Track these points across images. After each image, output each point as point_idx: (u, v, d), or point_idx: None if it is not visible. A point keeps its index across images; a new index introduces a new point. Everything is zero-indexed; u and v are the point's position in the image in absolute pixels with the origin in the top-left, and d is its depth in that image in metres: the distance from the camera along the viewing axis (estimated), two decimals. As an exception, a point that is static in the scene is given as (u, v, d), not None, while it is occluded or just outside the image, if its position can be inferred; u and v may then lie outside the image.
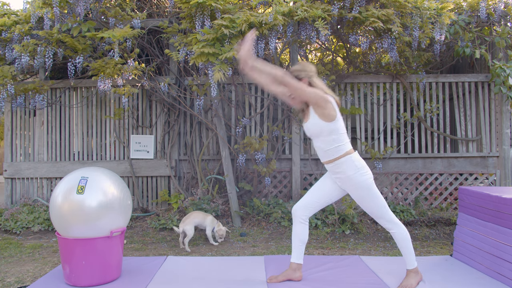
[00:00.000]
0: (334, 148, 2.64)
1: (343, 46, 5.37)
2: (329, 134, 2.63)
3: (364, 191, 2.67)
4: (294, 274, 2.84)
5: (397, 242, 2.75)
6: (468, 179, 5.14)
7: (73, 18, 4.52)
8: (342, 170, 2.66)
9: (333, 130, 2.63)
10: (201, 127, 5.30)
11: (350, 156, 2.65)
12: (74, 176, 2.85)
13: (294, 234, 2.86)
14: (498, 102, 5.17)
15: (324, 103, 2.58)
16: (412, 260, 2.75)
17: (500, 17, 4.84)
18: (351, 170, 2.64)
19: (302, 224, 2.83)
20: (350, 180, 2.66)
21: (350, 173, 2.64)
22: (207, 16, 4.22)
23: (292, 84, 2.57)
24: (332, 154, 2.66)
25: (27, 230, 4.61)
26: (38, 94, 4.85)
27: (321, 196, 2.84)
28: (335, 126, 2.63)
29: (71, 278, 2.80)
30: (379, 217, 2.73)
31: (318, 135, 2.68)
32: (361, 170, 2.65)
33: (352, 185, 2.67)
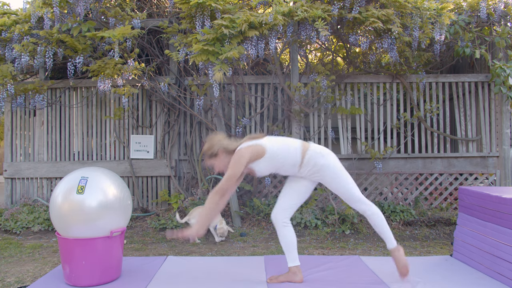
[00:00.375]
0: (291, 156, 2.69)
1: (343, 46, 5.37)
2: (276, 157, 2.67)
3: (338, 175, 2.72)
4: (296, 277, 2.81)
5: (375, 222, 2.78)
6: (468, 179, 5.15)
7: (73, 18, 4.52)
8: (313, 163, 2.69)
9: (273, 155, 2.67)
10: (201, 127, 5.30)
11: (310, 149, 2.71)
12: (74, 176, 2.85)
13: (282, 239, 2.83)
14: (498, 102, 5.17)
15: (245, 160, 2.59)
16: (392, 238, 2.78)
17: (500, 17, 4.84)
18: (320, 159, 2.69)
19: (285, 227, 2.81)
20: (326, 168, 2.70)
21: (321, 161, 2.69)
22: (207, 16, 4.22)
23: (225, 185, 2.58)
24: (295, 160, 2.70)
25: (27, 230, 4.61)
26: (38, 94, 4.85)
27: (296, 195, 2.85)
28: (270, 152, 2.66)
29: (71, 278, 2.80)
30: (357, 200, 2.76)
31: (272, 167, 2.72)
32: (326, 154, 2.73)
33: (327, 172, 2.71)
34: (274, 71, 5.07)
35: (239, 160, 2.60)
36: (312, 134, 5.20)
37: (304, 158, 2.69)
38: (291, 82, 5.04)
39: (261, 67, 5.86)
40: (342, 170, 2.76)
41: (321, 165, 2.70)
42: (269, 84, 5.21)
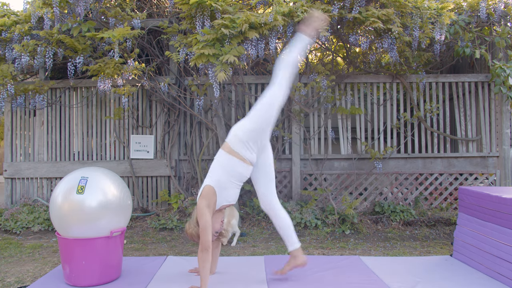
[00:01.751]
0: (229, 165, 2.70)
1: (343, 46, 5.37)
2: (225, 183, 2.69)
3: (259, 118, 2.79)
4: (298, 261, 2.84)
5: None
6: (468, 179, 5.15)
7: (73, 18, 4.52)
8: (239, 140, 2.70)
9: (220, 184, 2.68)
10: (201, 127, 5.30)
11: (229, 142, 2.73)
12: (74, 176, 2.85)
13: (279, 227, 2.87)
14: (498, 102, 5.17)
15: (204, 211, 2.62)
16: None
17: (500, 17, 4.84)
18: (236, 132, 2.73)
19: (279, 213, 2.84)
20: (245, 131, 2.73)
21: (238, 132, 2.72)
22: (207, 16, 4.22)
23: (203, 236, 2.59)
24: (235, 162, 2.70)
25: (27, 230, 4.61)
26: (38, 94, 4.85)
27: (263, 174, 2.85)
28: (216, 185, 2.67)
29: (71, 278, 2.80)
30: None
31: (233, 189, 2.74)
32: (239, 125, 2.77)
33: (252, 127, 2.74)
34: (274, 71, 5.06)
35: (200, 212, 2.62)
36: (312, 134, 5.20)
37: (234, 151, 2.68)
38: (291, 82, 5.03)
39: (261, 67, 5.86)
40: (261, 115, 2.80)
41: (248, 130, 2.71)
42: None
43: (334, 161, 5.17)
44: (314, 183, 5.13)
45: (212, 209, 2.66)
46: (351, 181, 5.07)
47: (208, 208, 2.63)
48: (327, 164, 5.14)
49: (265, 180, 2.86)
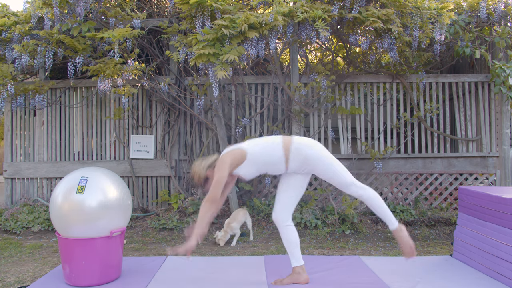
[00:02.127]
0: (274, 154, 2.68)
1: (343, 46, 5.37)
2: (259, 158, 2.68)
3: (326, 162, 2.68)
4: (300, 277, 2.77)
5: (373, 205, 2.71)
6: (468, 179, 5.14)
7: (73, 18, 4.52)
8: (300, 154, 2.66)
9: (255, 156, 2.67)
10: (201, 127, 5.30)
11: (293, 143, 2.68)
12: (74, 176, 2.85)
13: (285, 240, 2.80)
14: (498, 102, 5.17)
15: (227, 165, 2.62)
16: (393, 218, 2.72)
17: (500, 17, 4.84)
18: (307, 150, 2.66)
19: (288, 227, 2.79)
20: (315, 158, 2.66)
21: (307, 151, 2.66)
22: (207, 16, 4.22)
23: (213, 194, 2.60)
24: (279, 157, 2.67)
25: (27, 230, 4.61)
26: (38, 94, 4.85)
27: (291, 191, 2.82)
28: (251, 154, 2.67)
29: (71, 278, 2.80)
30: (350, 184, 2.70)
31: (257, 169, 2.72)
32: (310, 144, 2.70)
33: (316, 162, 2.67)
34: (274, 71, 5.06)
35: (221, 165, 2.62)
36: (312, 134, 5.20)
37: (289, 153, 2.66)
38: (291, 82, 5.04)
39: (261, 67, 5.86)
40: (331, 158, 2.70)
41: (309, 156, 2.66)
42: (269, 84, 5.21)
43: (334, 161, 5.16)
44: (314, 183, 5.12)
45: (232, 170, 2.65)
46: (351, 181, 5.07)
47: (230, 166, 2.62)
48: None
49: (289, 200, 2.82)
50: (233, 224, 4.10)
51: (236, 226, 4.10)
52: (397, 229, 2.69)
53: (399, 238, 2.69)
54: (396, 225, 2.69)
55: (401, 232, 2.69)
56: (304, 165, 2.70)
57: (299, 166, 2.71)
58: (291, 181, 2.82)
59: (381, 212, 2.71)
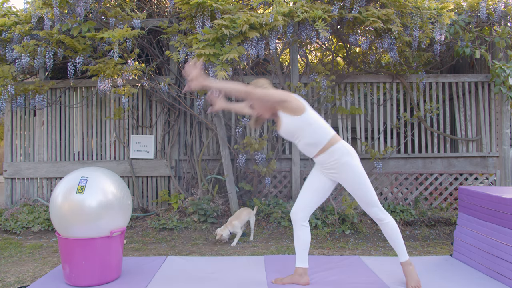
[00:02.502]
0: (320, 136, 2.62)
1: (343, 46, 5.37)
2: (307, 126, 2.60)
3: (359, 176, 2.64)
4: (301, 279, 2.77)
5: (389, 233, 2.70)
6: (468, 179, 5.15)
7: (73, 18, 4.52)
8: (336, 158, 2.62)
9: (308, 121, 2.59)
10: (201, 127, 5.31)
11: (340, 143, 2.65)
12: (74, 176, 2.85)
13: (297, 239, 2.79)
14: (498, 102, 5.17)
15: (288, 97, 2.57)
16: (405, 251, 2.73)
17: (500, 17, 4.84)
18: (345, 156, 2.62)
19: (303, 227, 2.78)
20: (346, 166, 2.62)
21: (345, 158, 2.62)
22: (207, 16, 4.22)
23: (255, 93, 2.53)
24: (321, 142, 2.62)
25: (27, 230, 4.61)
26: (38, 94, 4.85)
27: (317, 193, 2.78)
28: (307, 116, 2.59)
29: (71, 278, 2.80)
30: (373, 205, 2.67)
31: (297, 132, 2.63)
32: (353, 154, 2.66)
33: (347, 171, 2.63)
34: (274, 71, 5.07)
35: (281, 92, 2.58)
36: (312, 134, 5.19)
37: (331, 146, 2.61)
38: (291, 82, 5.04)
39: (261, 67, 5.86)
40: (363, 173, 2.66)
41: (344, 162, 2.61)
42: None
43: (334, 161, 5.16)
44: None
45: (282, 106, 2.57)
46: (351, 181, 5.07)
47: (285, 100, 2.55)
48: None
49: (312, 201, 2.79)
50: (235, 222, 4.09)
51: (238, 224, 4.09)
52: (407, 262, 2.72)
53: (407, 271, 2.72)
54: (407, 258, 2.72)
55: (410, 265, 2.72)
56: (333, 168, 2.66)
57: (327, 164, 2.66)
58: (318, 183, 2.78)
59: (395, 242, 2.71)
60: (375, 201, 2.68)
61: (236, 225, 4.08)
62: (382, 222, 2.70)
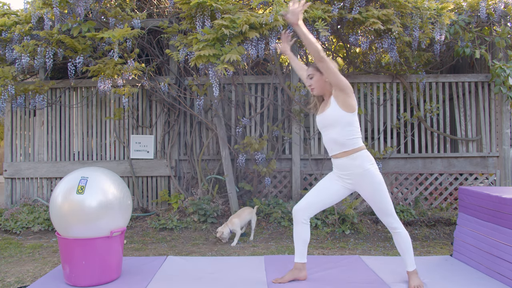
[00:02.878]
0: (351, 139, 2.61)
1: (343, 46, 5.38)
2: (347, 125, 2.60)
3: (379, 186, 2.63)
4: (300, 274, 2.85)
5: (400, 242, 2.71)
6: (468, 179, 5.15)
7: (73, 18, 4.52)
8: (358, 164, 2.61)
9: (351, 122, 2.61)
10: (201, 127, 5.31)
11: (365, 150, 2.65)
12: (74, 176, 2.85)
13: (296, 235, 2.82)
14: (498, 102, 5.17)
15: (350, 91, 2.57)
16: (413, 262, 2.75)
17: (500, 17, 4.84)
18: (367, 164, 2.61)
19: (303, 225, 2.78)
20: (366, 175, 2.61)
21: (367, 166, 2.61)
22: (207, 16, 4.22)
23: (329, 63, 2.50)
24: (349, 145, 2.62)
25: (27, 230, 4.61)
26: (38, 94, 4.85)
27: (326, 196, 2.78)
28: (353, 118, 2.61)
29: (71, 278, 2.80)
30: (389, 215, 2.67)
31: (335, 125, 2.61)
32: (375, 164, 2.66)
33: (367, 180, 2.62)
34: (274, 71, 5.07)
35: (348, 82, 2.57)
36: (312, 134, 5.20)
37: (356, 152, 2.61)
38: (291, 82, 5.04)
39: (261, 67, 5.86)
40: (383, 183, 2.66)
41: (366, 169, 2.61)
42: (269, 84, 5.21)
43: (334, 161, 5.16)
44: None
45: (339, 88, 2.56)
46: (351, 181, 5.07)
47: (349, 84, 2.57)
48: (327, 164, 5.14)
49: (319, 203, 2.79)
50: (235, 219, 4.09)
51: (238, 223, 4.09)
52: (414, 271, 2.75)
53: (413, 279, 2.74)
54: (414, 267, 2.75)
55: (416, 274, 2.76)
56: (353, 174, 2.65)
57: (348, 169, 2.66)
58: (331, 187, 2.77)
59: (405, 252, 2.73)
60: (392, 210, 2.69)
61: (236, 223, 4.08)
62: (395, 231, 2.71)
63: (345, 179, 2.70)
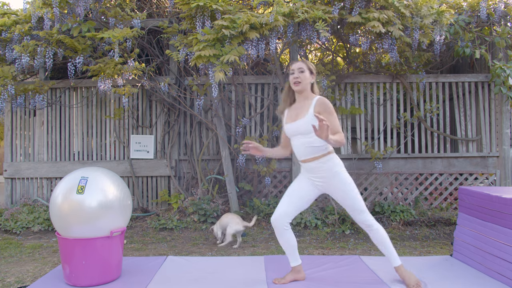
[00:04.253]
0: (324, 145, 2.65)
1: (343, 46, 5.37)
2: None
3: (349, 186, 2.69)
4: (299, 275, 2.87)
5: (378, 239, 2.72)
6: (468, 179, 5.14)
7: (73, 18, 4.52)
8: (328, 167, 2.66)
9: None
10: (201, 127, 5.30)
11: (334, 154, 2.71)
12: (74, 176, 2.85)
13: (283, 242, 2.81)
14: (498, 102, 5.17)
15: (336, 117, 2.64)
16: (396, 256, 2.75)
17: (500, 17, 4.84)
18: (337, 166, 2.68)
19: (285, 231, 2.78)
20: (336, 177, 2.67)
21: (336, 169, 2.67)
22: (207, 16, 4.22)
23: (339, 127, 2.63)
24: (321, 150, 2.66)
25: (27, 230, 4.61)
26: (38, 94, 4.85)
27: (297, 200, 2.79)
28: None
29: (71, 278, 2.80)
30: (362, 211, 2.71)
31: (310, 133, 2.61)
32: (342, 166, 2.72)
33: (337, 181, 2.68)
34: (274, 71, 5.07)
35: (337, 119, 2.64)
36: (312, 134, 5.20)
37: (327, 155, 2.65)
38: (291, 82, 5.04)
39: (261, 67, 5.86)
40: (352, 182, 2.72)
41: (336, 171, 2.66)
42: (269, 84, 5.21)
43: (334, 161, 5.16)
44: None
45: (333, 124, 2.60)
46: (351, 181, 5.07)
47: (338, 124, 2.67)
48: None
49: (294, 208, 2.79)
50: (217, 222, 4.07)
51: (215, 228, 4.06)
52: (401, 266, 2.74)
53: (403, 275, 2.74)
54: (399, 262, 2.74)
55: (403, 268, 2.75)
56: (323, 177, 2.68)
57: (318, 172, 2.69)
58: (304, 191, 2.79)
59: (386, 248, 2.73)
60: (364, 207, 2.72)
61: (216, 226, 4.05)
62: (372, 229, 2.71)
63: (316, 181, 2.74)
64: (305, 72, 2.71)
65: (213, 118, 5.08)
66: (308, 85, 2.73)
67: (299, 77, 2.70)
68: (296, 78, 2.71)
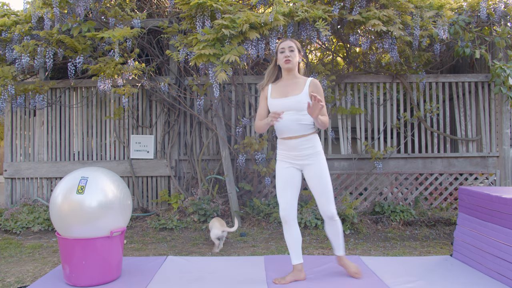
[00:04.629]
0: (312, 124, 2.77)
1: (343, 46, 5.37)
2: None
3: (325, 173, 2.79)
4: (300, 275, 2.88)
5: (335, 229, 2.86)
6: (468, 179, 5.15)
7: (73, 18, 4.52)
8: (313, 144, 2.76)
9: None
10: (201, 127, 5.31)
11: (317, 135, 2.82)
12: (74, 176, 2.85)
13: (290, 238, 2.85)
14: (498, 102, 5.17)
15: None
16: (343, 246, 2.94)
17: (500, 17, 4.84)
18: (319, 147, 2.80)
19: (295, 225, 2.85)
20: (318, 156, 2.77)
21: (319, 149, 2.79)
22: (207, 16, 4.22)
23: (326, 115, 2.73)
24: (309, 129, 2.77)
25: (27, 230, 4.61)
26: (38, 94, 4.85)
27: (295, 189, 2.86)
28: None
29: (71, 278, 2.80)
30: (331, 202, 2.80)
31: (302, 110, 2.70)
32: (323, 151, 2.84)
33: (317, 163, 2.76)
34: (274, 71, 5.05)
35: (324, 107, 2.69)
36: (312, 134, 5.19)
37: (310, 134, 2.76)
38: (291, 82, 5.04)
39: (261, 67, 5.86)
40: (328, 172, 2.83)
41: (318, 151, 2.78)
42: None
43: (334, 161, 5.17)
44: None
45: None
46: (351, 181, 5.07)
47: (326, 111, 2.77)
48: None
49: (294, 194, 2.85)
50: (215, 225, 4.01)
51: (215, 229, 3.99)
52: (343, 256, 2.95)
53: (345, 264, 2.96)
54: (343, 253, 2.95)
55: (345, 258, 2.97)
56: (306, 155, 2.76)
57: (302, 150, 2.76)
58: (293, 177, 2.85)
59: (339, 238, 2.90)
60: (333, 198, 2.85)
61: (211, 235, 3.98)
62: (334, 220, 2.84)
63: (295, 163, 2.81)
64: (295, 51, 2.80)
65: (213, 118, 5.08)
66: (297, 64, 2.84)
67: (290, 55, 2.78)
68: (287, 57, 2.78)
